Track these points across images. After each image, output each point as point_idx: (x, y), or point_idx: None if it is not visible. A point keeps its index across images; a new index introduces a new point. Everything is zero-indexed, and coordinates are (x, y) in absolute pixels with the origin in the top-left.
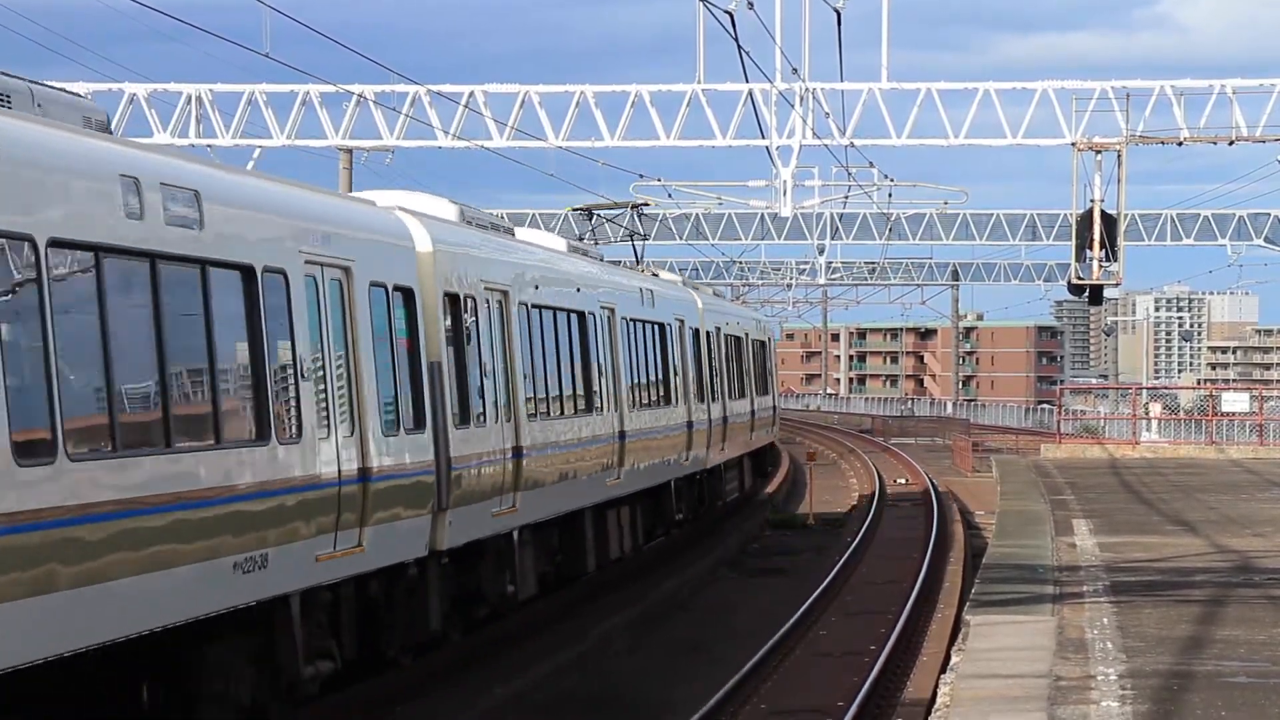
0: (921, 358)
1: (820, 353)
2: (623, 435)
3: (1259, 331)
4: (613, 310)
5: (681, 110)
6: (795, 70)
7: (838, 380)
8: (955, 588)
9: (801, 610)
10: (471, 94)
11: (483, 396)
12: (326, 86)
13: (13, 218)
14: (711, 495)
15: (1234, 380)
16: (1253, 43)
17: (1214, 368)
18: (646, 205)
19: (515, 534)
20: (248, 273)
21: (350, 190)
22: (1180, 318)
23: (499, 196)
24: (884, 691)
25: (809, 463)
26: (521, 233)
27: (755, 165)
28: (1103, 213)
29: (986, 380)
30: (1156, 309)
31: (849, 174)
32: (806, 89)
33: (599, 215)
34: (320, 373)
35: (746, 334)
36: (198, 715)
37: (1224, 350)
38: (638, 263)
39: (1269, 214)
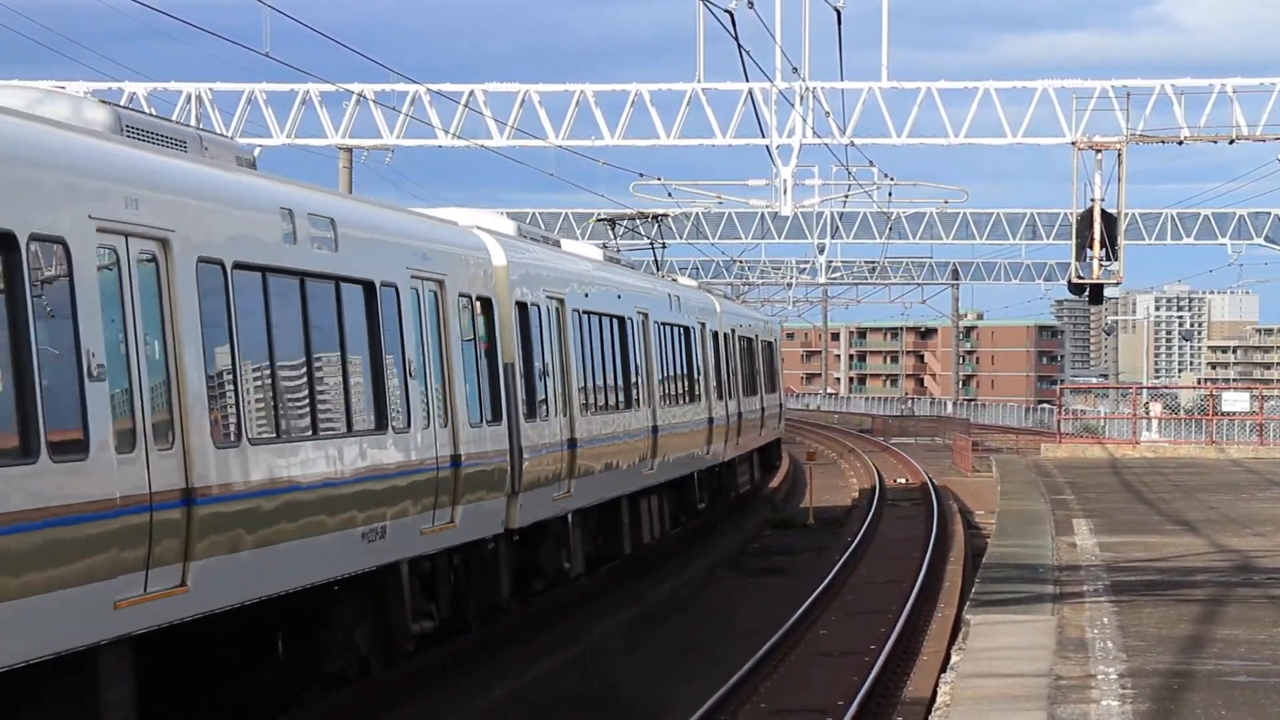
0: (921, 357)
1: (820, 352)
2: (656, 430)
3: (1259, 331)
4: (646, 315)
5: (681, 109)
6: (795, 69)
7: (838, 380)
8: (955, 587)
9: (801, 610)
10: (471, 93)
11: (545, 393)
12: (326, 86)
13: (210, 247)
14: (727, 487)
15: (1234, 380)
16: (1253, 42)
17: (1214, 367)
18: (666, 216)
19: (569, 516)
20: (369, 287)
21: (350, 190)
22: (1180, 317)
23: (499, 195)
24: (884, 691)
25: (809, 463)
26: (566, 244)
27: (755, 164)
28: (1103, 212)
29: (987, 380)
30: (1157, 308)
31: (849, 173)
32: (807, 88)
33: (622, 224)
34: (423, 372)
35: (756, 335)
36: (323, 664)
37: (1224, 350)
38: (658, 269)
39: (1269, 213)
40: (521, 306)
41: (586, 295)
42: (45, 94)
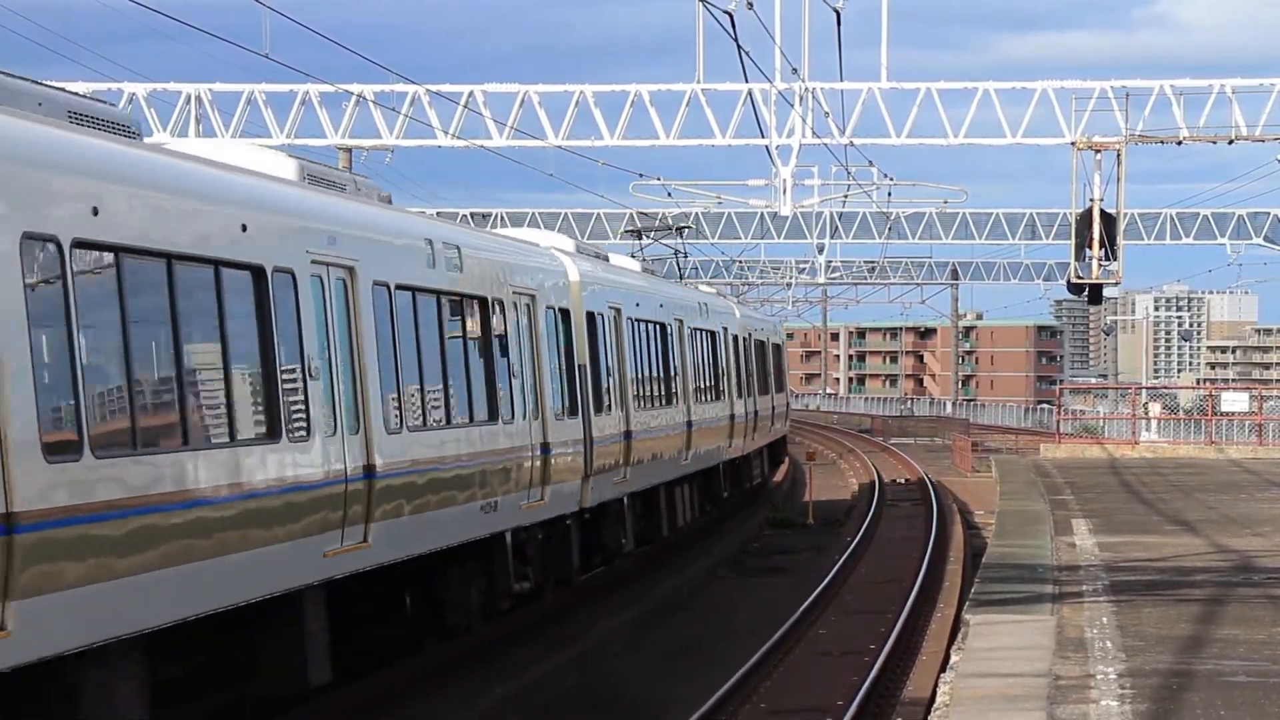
0: (921, 357)
1: (820, 352)
2: (690, 424)
3: (1258, 331)
4: (681, 321)
5: (681, 110)
6: (795, 70)
7: (837, 380)
8: (955, 587)
9: (801, 609)
10: (471, 94)
11: (608, 391)
12: (326, 86)
13: (381, 273)
14: (743, 478)
15: (1233, 380)
16: (1252, 42)
17: (1213, 367)
18: (689, 228)
19: (625, 499)
20: (483, 302)
21: None
22: (1180, 317)
23: (498, 195)
24: (884, 691)
25: (808, 463)
26: (613, 258)
27: (755, 164)
28: (1102, 212)
29: (986, 380)
30: (1156, 308)
31: (848, 173)
32: (806, 88)
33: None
34: (522, 372)
35: (767, 338)
36: (444, 616)
37: (1223, 350)
38: (680, 278)
39: (1269, 213)
40: (590, 316)
41: (637, 305)
42: (229, 143)
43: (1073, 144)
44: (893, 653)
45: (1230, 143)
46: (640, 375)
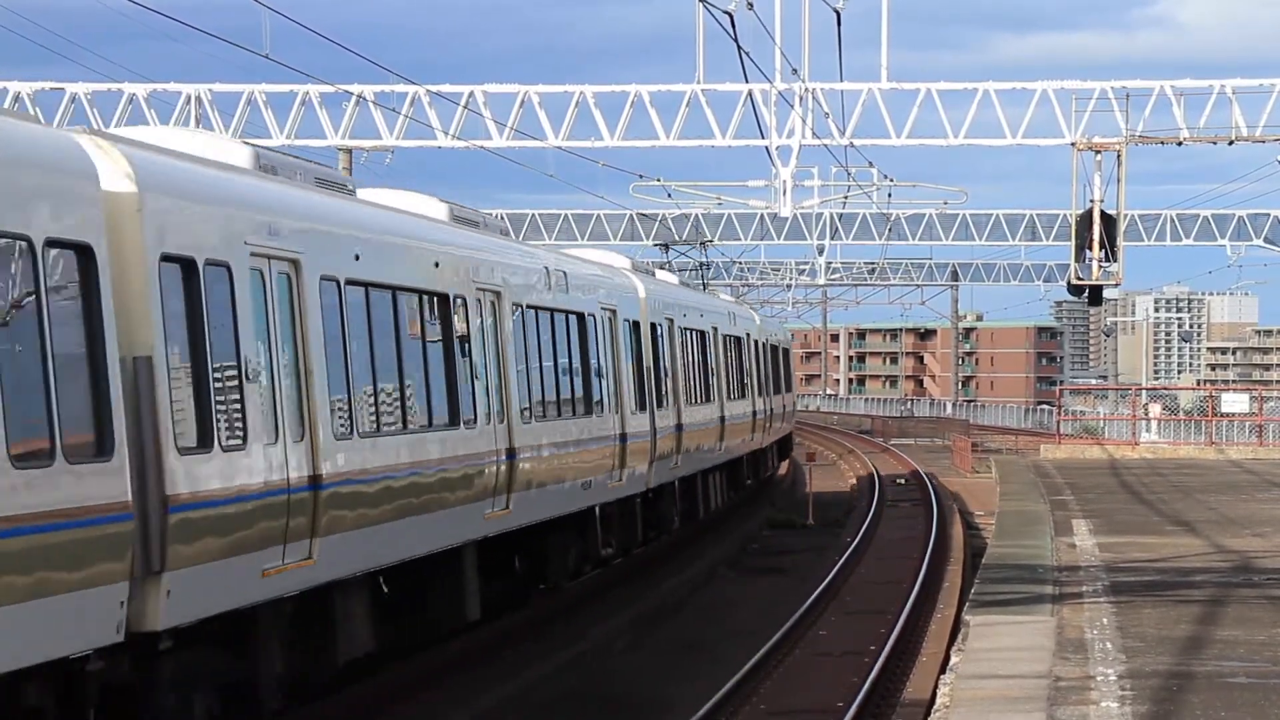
0: (921, 358)
1: (820, 353)
2: (723, 419)
3: (1258, 332)
4: (716, 329)
5: (681, 110)
6: (795, 70)
7: (837, 381)
8: (955, 588)
9: (802, 610)
10: (471, 94)
11: (666, 390)
12: (326, 86)
13: (520, 296)
14: (761, 468)
15: (1234, 381)
16: (1251, 42)
17: (1214, 368)
18: (711, 242)
19: (676, 482)
20: (581, 317)
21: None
22: (1180, 318)
23: (498, 196)
24: (884, 692)
25: (808, 463)
26: (659, 274)
27: (755, 165)
28: (1102, 213)
29: (986, 381)
30: (1156, 309)
31: (848, 174)
32: (806, 89)
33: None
34: (606, 373)
35: (780, 343)
36: (546, 573)
37: (1224, 351)
38: (704, 288)
39: (1269, 214)
40: (653, 326)
41: (684, 315)
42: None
43: (1073, 145)
44: (893, 653)
45: (1230, 143)
46: (687, 377)
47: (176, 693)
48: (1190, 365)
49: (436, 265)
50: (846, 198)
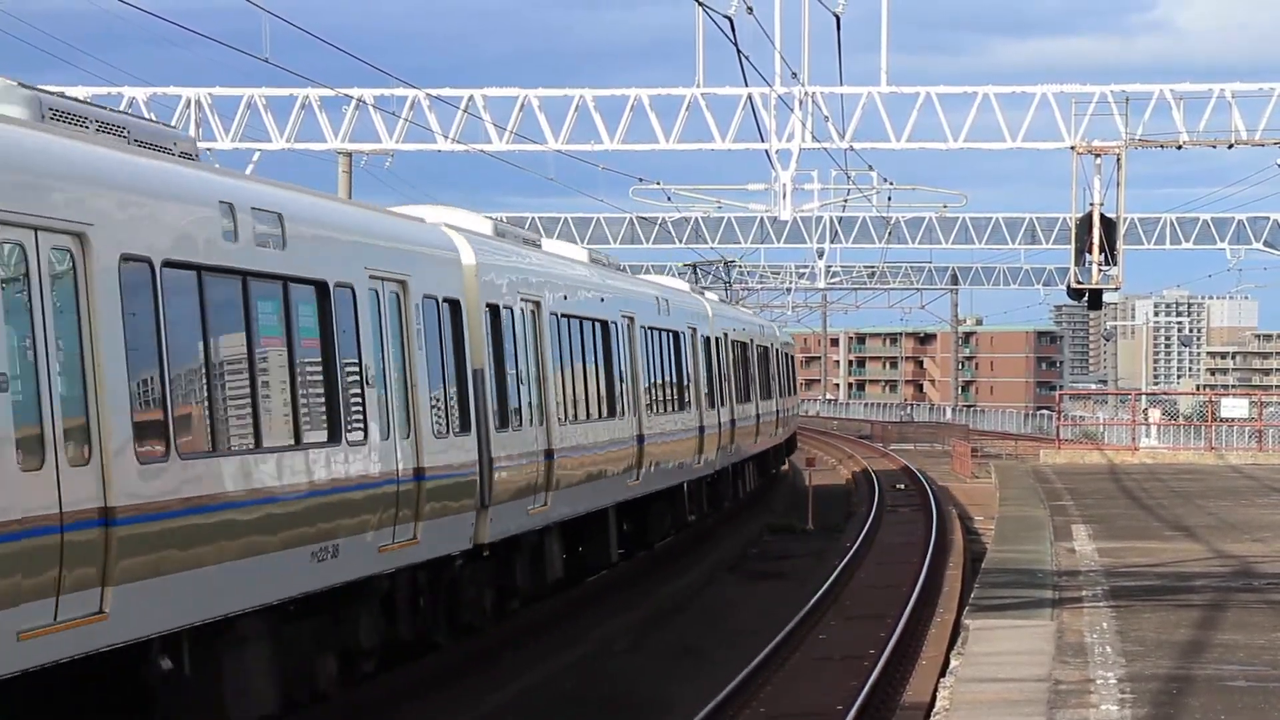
0: (921, 362)
1: (819, 357)
2: (759, 417)
3: (1258, 336)
4: (752, 340)
5: (681, 114)
6: (794, 74)
7: (836, 385)
8: (954, 592)
9: (801, 614)
10: (471, 98)
11: (720, 390)
12: (325, 90)
13: (641, 319)
14: (781, 460)
15: (1233, 386)
16: (1250, 46)
17: (1213, 373)
18: (734, 264)
19: (730, 467)
20: (676, 335)
21: (350, 195)
22: (1180, 322)
23: (498, 200)
24: (883, 695)
25: (808, 468)
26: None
27: (754, 169)
28: (1102, 216)
29: (986, 385)
30: (1156, 314)
31: (848, 178)
32: (806, 92)
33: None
34: (693, 378)
35: (788, 350)
36: (648, 533)
37: (1223, 355)
38: (735, 304)
39: (1268, 218)
40: (718, 340)
41: (734, 330)
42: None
43: (1072, 148)
44: (892, 657)
45: (1230, 147)
46: (737, 380)
47: (489, 586)
48: (1190, 370)
49: (602, 300)
50: (846, 201)
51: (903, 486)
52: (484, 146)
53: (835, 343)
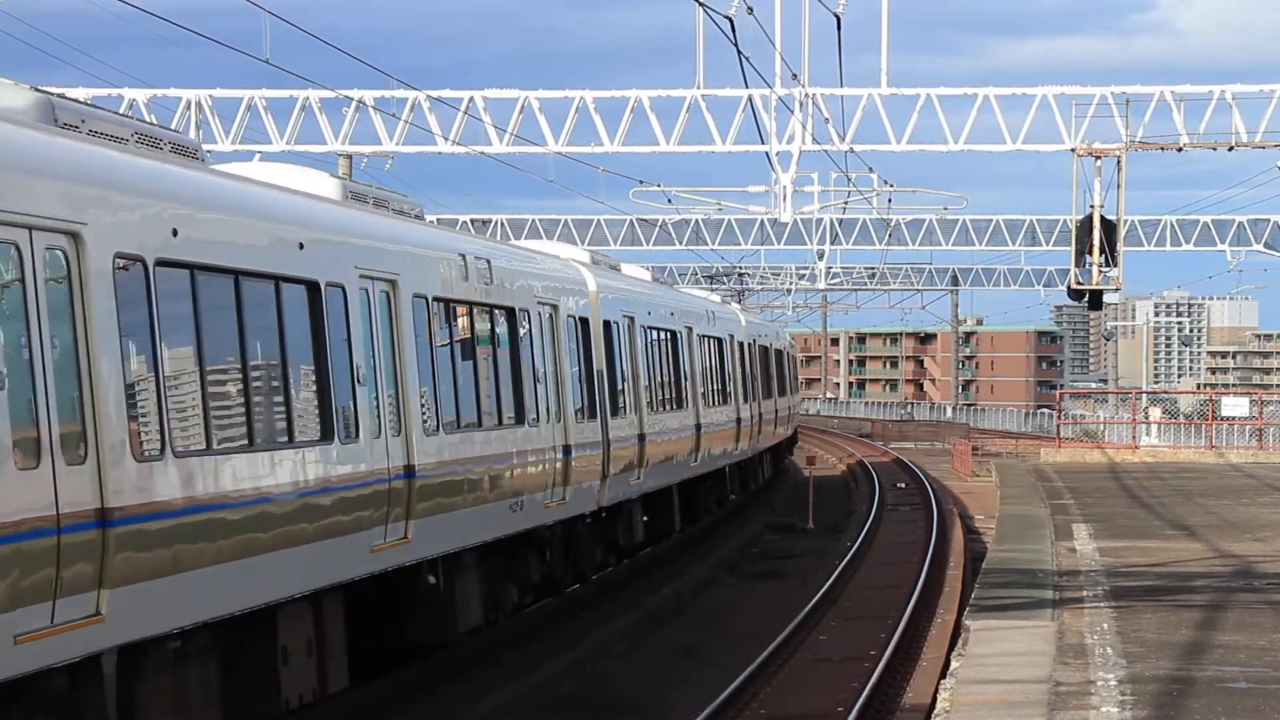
0: (921, 362)
1: (820, 357)
2: (776, 411)
3: (1259, 336)
4: (771, 344)
5: (681, 115)
6: (795, 75)
7: (837, 385)
8: (955, 592)
9: (802, 615)
10: (471, 99)
11: (752, 388)
12: (326, 92)
13: (699, 328)
14: (787, 453)
15: (1234, 385)
16: (1249, 47)
17: (1214, 373)
18: (745, 274)
19: (759, 454)
20: (720, 342)
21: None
22: (1180, 323)
23: (499, 202)
24: (884, 697)
25: (809, 467)
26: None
27: (755, 170)
28: (1102, 218)
29: (986, 385)
30: (1156, 314)
31: (849, 179)
32: (806, 94)
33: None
34: (740, 379)
35: (792, 351)
36: (696, 510)
37: (1224, 355)
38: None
39: (1269, 219)
40: (749, 345)
41: (762, 335)
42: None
43: (1073, 150)
44: (893, 658)
45: (1230, 149)
46: (760, 379)
47: (599, 542)
48: (1190, 370)
49: (671, 314)
50: (846, 203)
51: (903, 485)
52: (484, 148)
53: (835, 342)
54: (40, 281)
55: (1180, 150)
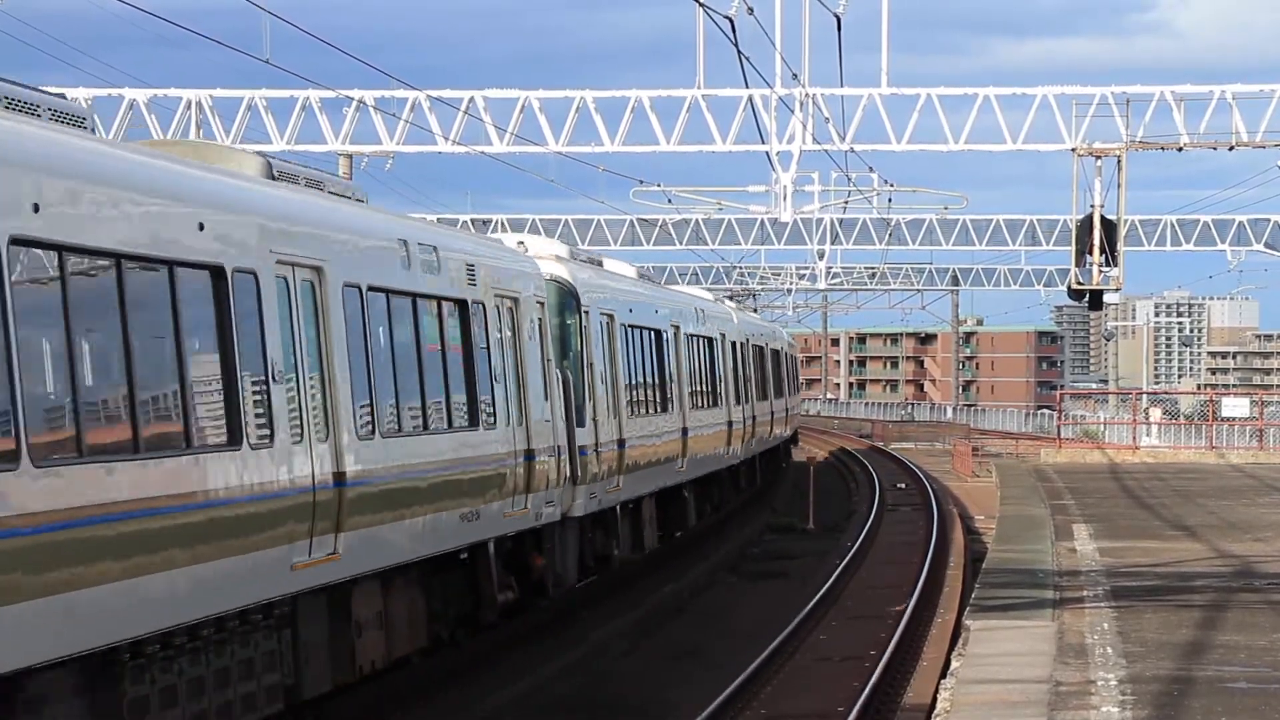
0: (921, 362)
1: (820, 357)
2: (773, 413)
3: (1259, 337)
4: (767, 343)
5: (681, 115)
6: (795, 75)
7: (837, 385)
8: (955, 592)
9: (802, 615)
10: (471, 99)
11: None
12: (326, 92)
13: (734, 335)
14: (786, 455)
15: (1234, 385)
16: (1249, 47)
17: (1214, 373)
18: (748, 273)
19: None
20: (761, 350)
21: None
22: (1180, 323)
23: (499, 202)
24: (884, 696)
25: (809, 465)
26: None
27: (755, 170)
28: (1103, 218)
29: (986, 385)
30: (1156, 314)
31: (849, 179)
32: (806, 94)
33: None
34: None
35: (791, 351)
36: (714, 501)
37: (1224, 355)
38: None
39: (1269, 219)
40: (775, 352)
41: (757, 334)
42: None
43: (1073, 150)
44: (893, 658)
45: (1231, 149)
46: (772, 379)
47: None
48: (1191, 370)
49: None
50: (847, 203)
51: (904, 486)
52: (484, 148)
53: (836, 342)
54: None
55: (1180, 150)
